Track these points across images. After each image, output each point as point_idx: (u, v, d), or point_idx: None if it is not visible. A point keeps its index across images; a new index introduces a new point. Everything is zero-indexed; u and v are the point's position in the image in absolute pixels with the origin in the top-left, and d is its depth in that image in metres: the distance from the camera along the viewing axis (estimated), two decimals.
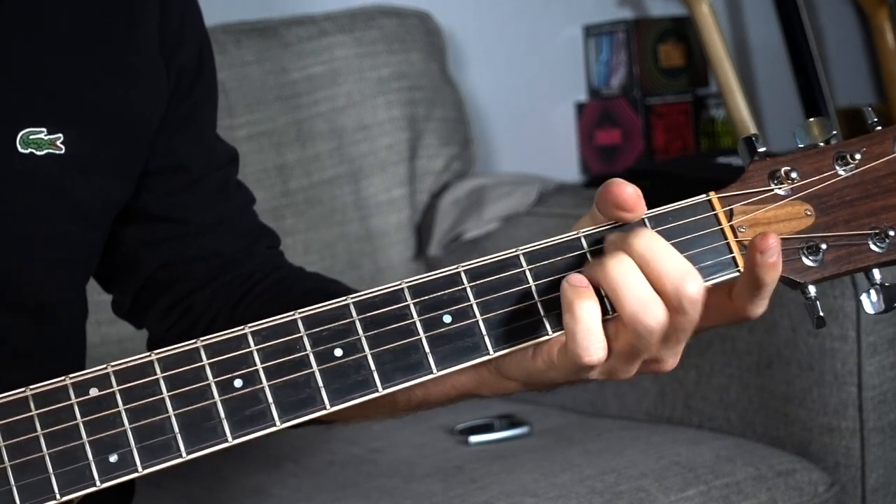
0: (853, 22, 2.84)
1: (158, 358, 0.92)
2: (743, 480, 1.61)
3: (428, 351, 0.95)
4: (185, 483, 1.66)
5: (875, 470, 1.72)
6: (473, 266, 0.96)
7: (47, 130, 1.09)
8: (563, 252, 0.97)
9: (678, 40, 2.46)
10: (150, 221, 1.20)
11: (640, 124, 2.41)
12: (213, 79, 1.24)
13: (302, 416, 0.93)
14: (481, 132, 2.41)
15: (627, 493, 1.54)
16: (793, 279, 0.98)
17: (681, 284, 0.91)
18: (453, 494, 1.54)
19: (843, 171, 0.99)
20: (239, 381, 0.93)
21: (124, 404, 0.91)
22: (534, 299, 0.96)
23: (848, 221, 0.98)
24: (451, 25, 2.35)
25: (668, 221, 0.97)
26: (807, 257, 0.98)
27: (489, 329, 0.95)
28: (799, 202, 0.98)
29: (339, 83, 2.09)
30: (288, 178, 2.03)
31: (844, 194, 0.99)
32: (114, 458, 0.91)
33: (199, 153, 1.22)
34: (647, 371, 0.96)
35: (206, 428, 0.92)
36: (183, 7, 1.20)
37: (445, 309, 0.95)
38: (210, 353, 0.93)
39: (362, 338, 0.94)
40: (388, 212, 2.13)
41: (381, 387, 0.94)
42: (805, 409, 1.73)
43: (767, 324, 1.76)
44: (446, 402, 1.07)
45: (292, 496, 1.59)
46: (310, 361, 0.94)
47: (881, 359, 1.70)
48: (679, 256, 0.92)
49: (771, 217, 0.98)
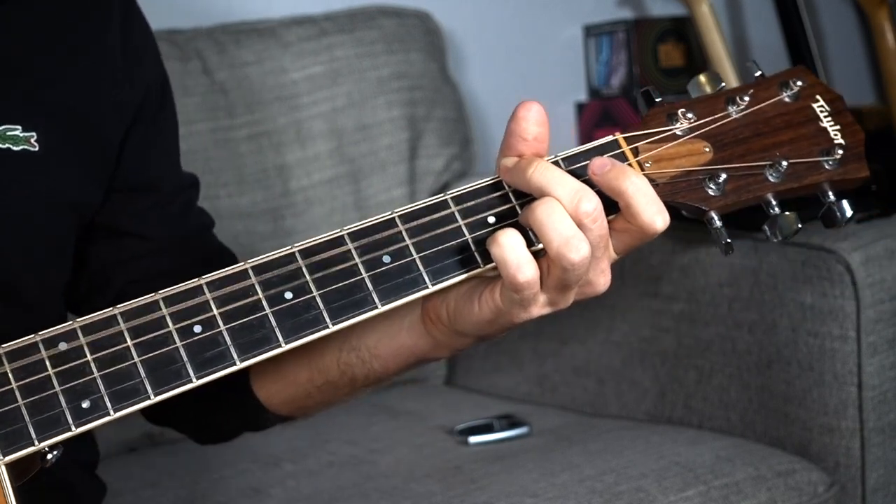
0: (853, 22, 2.84)
1: (121, 312, 0.99)
2: (743, 481, 1.61)
3: (371, 288, 1.02)
4: (184, 483, 1.66)
5: (875, 470, 1.72)
6: (406, 210, 1.05)
7: (22, 128, 1.13)
8: (486, 193, 1.07)
9: (678, 40, 2.46)
10: (119, 237, 1.24)
11: None
12: (174, 110, 1.30)
13: (260, 354, 1.00)
14: (481, 132, 2.41)
15: (627, 494, 1.54)
16: (698, 206, 1.06)
17: (578, 203, 1.00)
18: (453, 495, 1.54)
19: (734, 112, 1.09)
20: (198, 326, 1.00)
21: (92, 354, 0.98)
22: (464, 236, 1.04)
23: (743, 156, 1.08)
24: (451, 25, 2.35)
25: (579, 161, 1.06)
26: (709, 187, 1.06)
27: (426, 265, 1.03)
28: (697, 140, 1.08)
29: (338, 83, 2.09)
30: (288, 178, 2.03)
31: (738, 133, 1.08)
32: (86, 403, 0.97)
33: (167, 173, 1.27)
34: (581, 296, 1.04)
35: (171, 371, 0.99)
36: (141, 31, 1.25)
37: (384, 250, 1.03)
38: (169, 303, 1.00)
39: (309, 280, 1.02)
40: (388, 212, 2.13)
41: (331, 323, 1.01)
42: (805, 409, 1.73)
43: (767, 324, 1.76)
44: (404, 369, 1.13)
45: (291, 497, 1.59)
46: (262, 305, 1.01)
47: (881, 359, 1.70)
48: (573, 179, 1.01)
49: (673, 153, 1.07)
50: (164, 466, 1.73)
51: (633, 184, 1.01)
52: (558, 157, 1.06)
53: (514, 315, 1.03)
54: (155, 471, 1.73)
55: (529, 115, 1.05)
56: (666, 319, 1.87)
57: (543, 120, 1.05)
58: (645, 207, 1.01)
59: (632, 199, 1.01)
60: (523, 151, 1.05)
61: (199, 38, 2.00)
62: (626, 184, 1.01)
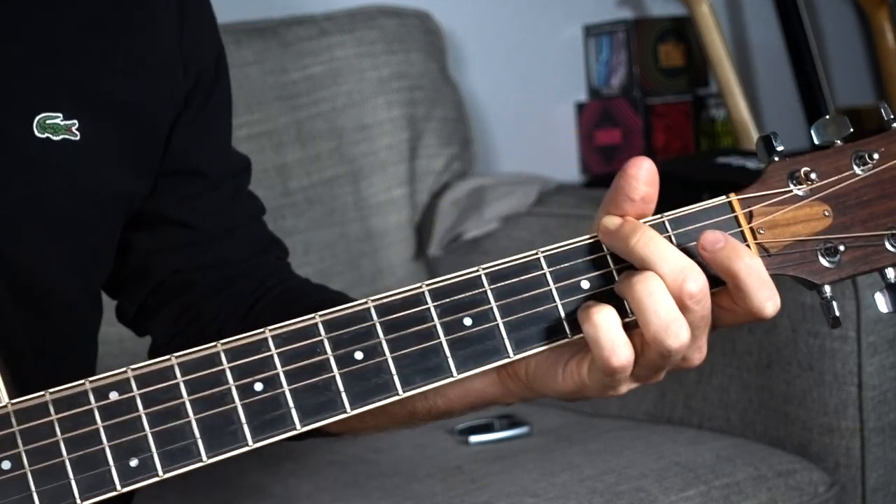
0: (853, 22, 2.84)
1: (179, 362, 0.91)
2: (743, 481, 1.61)
3: (448, 354, 0.95)
4: (185, 482, 1.65)
5: (875, 470, 1.72)
6: (494, 268, 0.96)
7: (63, 116, 1.09)
8: (582, 254, 0.97)
9: (678, 40, 2.46)
10: (164, 225, 1.20)
11: (640, 124, 2.41)
12: (229, 87, 1.25)
13: (323, 419, 0.93)
14: (481, 132, 2.41)
15: (627, 494, 1.54)
16: (810, 280, 0.98)
17: (682, 283, 0.92)
18: (453, 494, 1.54)
19: (860, 171, 0.99)
20: (259, 384, 0.92)
21: (144, 409, 0.91)
22: (554, 302, 0.96)
23: (865, 222, 0.98)
24: (451, 25, 2.35)
25: (687, 223, 0.97)
26: (824, 258, 0.98)
27: (509, 332, 0.95)
28: (817, 203, 0.98)
29: (339, 83, 2.09)
30: (288, 178, 2.03)
31: (862, 194, 0.98)
32: (134, 462, 0.91)
33: (215, 159, 1.23)
34: (674, 370, 0.97)
35: (227, 432, 0.92)
36: (200, 13, 1.20)
37: (466, 312, 0.95)
38: (230, 356, 0.92)
39: (383, 341, 0.94)
40: (388, 212, 2.13)
41: (402, 390, 0.94)
42: (805, 409, 1.73)
43: (767, 324, 1.76)
44: (469, 410, 1.06)
45: (292, 495, 1.59)
46: (330, 365, 0.93)
47: (881, 359, 1.70)
48: (679, 254, 0.93)
49: (790, 218, 0.98)
50: None
51: (748, 266, 0.93)
52: (664, 217, 0.97)
53: (599, 393, 0.97)
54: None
55: (640, 173, 0.95)
56: None
57: (654, 179, 0.95)
58: (757, 292, 0.93)
59: (743, 283, 0.93)
60: (627, 211, 0.96)
61: None
62: (740, 265, 0.93)
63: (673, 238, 0.96)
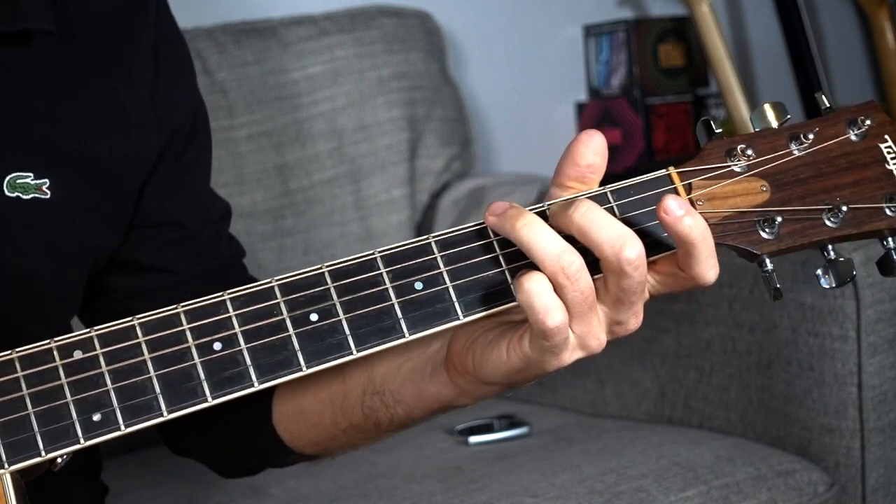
0: (853, 22, 2.85)
1: (140, 322, 0.95)
2: (743, 481, 1.61)
3: (400, 315, 0.98)
4: (185, 483, 1.66)
5: (875, 470, 1.72)
6: (443, 236, 0.99)
7: (34, 175, 1.11)
8: None
9: (678, 40, 2.46)
10: (142, 271, 1.21)
11: (640, 124, 2.41)
12: (207, 139, 1.26)
13: (279, 377, 0.96)
14: (481, 132, 2.41)
15: (627, 494, 1.54)
16: (749, 250, 1.01)
17: (619, 250, 0.95)
18: (453, 495, 1.54)
19: (797, 150, 1.03)
20: (218, 343, 0.96)
21: (107, 366, 0.94)
22: (501, 266, 0.99)
23: (802, 198, 1.02)
24: (451, 25, 2.35)
25: (629, 195, 1.00)
26: (763, 230, 1.01)
27: (459, 295, 0.98)
28: (755, 178, 1.02)
29: (339, 83, 2.09)
30: (288, 178, 2.03)
31: (799, 172, 1.02)
32: (97, 416, 0.94)
33: (193, 209, 1.24)
34: (612, 336, 1.00)
35: (187, 388, 0.95)
36: (177, 71, 1.22)
37: (416, 276, 0.99)
38: (190, 317, 0.96)
39: (337, 303, 0.97)
40: (388, 212, 2.13)
41: (356, 349, 0.97)
42: (805, 409, 1.73)
43: (767, 324, 1.76)
44: (429, 416, 1.09)
45: (291, 496, 1.59)
46: (286, 325, 0.97)
47: (881, 359, 1.70)
48: (617, 223, 0.96)
49: (728, 192, 1.01)
50: (164, 466, 1.72)
51: (703, 234, 0.96)
52: (607, 189, 1.00)
53: (545, 363, 0.99)
54: (155, 471, 1.73)
55: (591, 141, 0.99)
56: (666, 319, 1.87)
57: (603, 151, 0.99)
58: (706, 260, 0.97)
59: (697, 250, 0.96)
60: (569, 175, 1.00)
61: (199, 38, 2.00)
62: (696, 234, 0.96)
63: (615, 209, 1.00)
